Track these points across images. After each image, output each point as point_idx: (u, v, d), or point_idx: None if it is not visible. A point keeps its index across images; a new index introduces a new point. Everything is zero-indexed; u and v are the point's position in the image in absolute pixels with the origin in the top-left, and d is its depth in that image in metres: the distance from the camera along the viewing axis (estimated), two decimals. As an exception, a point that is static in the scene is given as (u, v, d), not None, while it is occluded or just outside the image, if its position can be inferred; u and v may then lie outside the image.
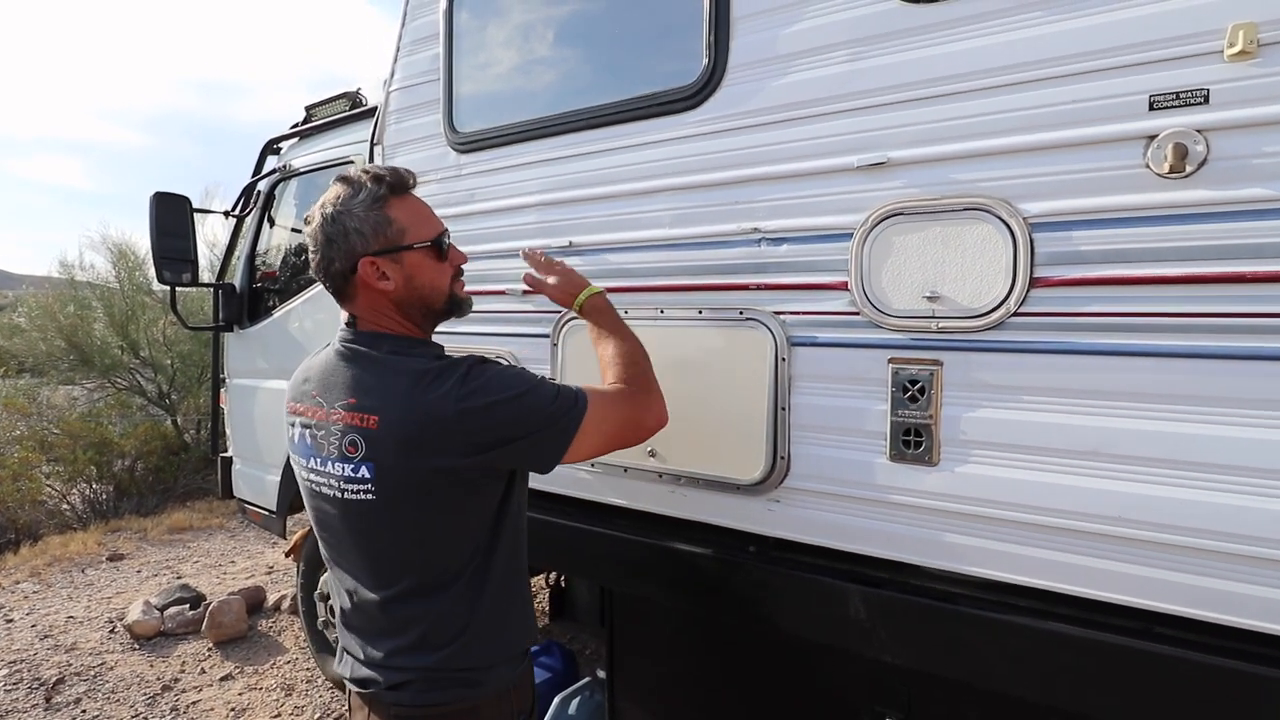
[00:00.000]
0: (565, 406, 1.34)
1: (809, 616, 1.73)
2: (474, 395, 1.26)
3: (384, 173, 1.33)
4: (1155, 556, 1.33)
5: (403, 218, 1.32)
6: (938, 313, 1.51)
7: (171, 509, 7.33)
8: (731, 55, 1.76)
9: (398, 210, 1.32)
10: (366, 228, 1.29)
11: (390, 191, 1.32)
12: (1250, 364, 1.23)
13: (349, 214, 1.29)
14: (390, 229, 1.31)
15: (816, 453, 1.70)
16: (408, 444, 1.25)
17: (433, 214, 1.40)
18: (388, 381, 1.29)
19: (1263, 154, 1.20)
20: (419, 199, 1.39)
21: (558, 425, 1.33)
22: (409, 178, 1.36)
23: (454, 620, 1.32)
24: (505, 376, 1.32)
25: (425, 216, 1.38)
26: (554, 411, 1.32)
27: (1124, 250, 1.32)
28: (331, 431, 1.30)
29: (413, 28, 2.46)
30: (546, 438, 1.33)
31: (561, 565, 2.53)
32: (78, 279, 9.36)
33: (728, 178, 1.78)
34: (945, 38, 1.48)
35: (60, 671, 3.94)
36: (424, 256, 1.35)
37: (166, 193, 3.48)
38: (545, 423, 1.32)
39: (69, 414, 8.41)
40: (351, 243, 1.29)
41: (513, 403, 1.28)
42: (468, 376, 1.28)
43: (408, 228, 1.32)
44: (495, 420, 1.27)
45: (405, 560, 1.33)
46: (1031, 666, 1.45)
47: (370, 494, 1.28)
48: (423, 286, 1.35)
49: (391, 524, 1.31)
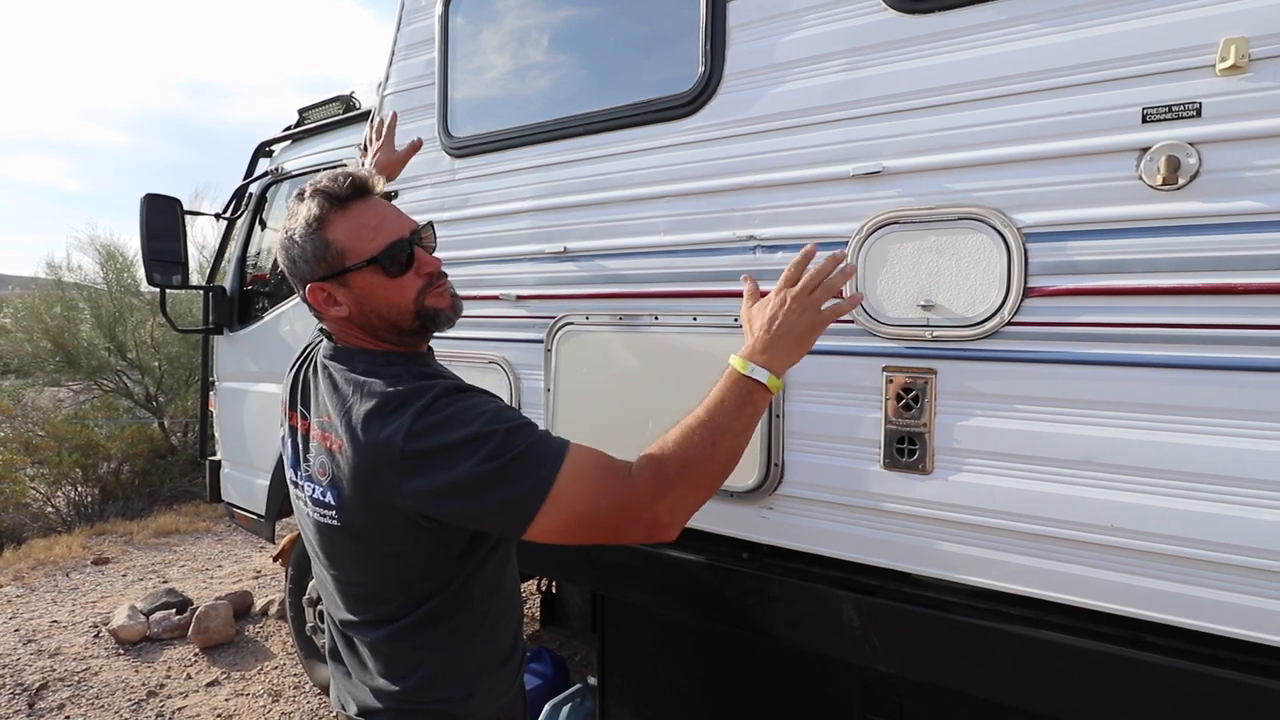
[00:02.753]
0: (529, 470, 1.09)
1: (801, 624, 1.73)
2: (424, 435, 1.09)
3: (326, 185, 1.18)
4: (1147, 566, 1.34)
5: (341, 237, 1.17)
6: (932, 321, 1.52)
7: (158, 512, 7.26)
8: (728, 63, 1.77)
9: (337, 229, 1.17)
10: (307, 254, 1.18)
11: (331, 207, 1.17)
12: (1242, 375, 1.24)
13: (292, 241, 1.19)
14: (328, 252, 1.17)
15: (810, 460, 1.70)
16: (361, 477, 1.13)
17: (387, 221, 1.20)
18: (351, 405, 1.16)
19: (1254, 167, 1.21)
20: (371, 206, 1.20)
21: (512, 496, 1.09)
22: (354, 184, 1.19)
23: (415, 654, 1.23)
24: (468, 416, 1.11)
25: (373, 227, 1.18)
26: (510, 474, 1.08)
27: (1117, 261, 1.34)
28: (309, 447, 1.25)
29: (408, 32, 2.45)
30: (495, 507, 1.10)
31: (552, 571, 2.52)
32: (65, 280, 9.29)
33: (723, 185, 1.78)
34: (939, 49, 1.49)
35: (44, 677, 3.89)
36: (372, 275, 1.18)
37: (157, 194, 3.46)
38: (496, 487, 1.09)
39: (54, 416, 8.33)
40: (299, 270, 1.20)
41: (460, 452, 1.08)
42: (428, 410, 1.11)
43: (348, 248, 1.17)
44: (437, 471, 1.09)
45: (369, 589, 1.25)
46: (1022, 675, 1.46)
47: (335, 520, 1.20)
48: (380, 307, 1.21)
49: (354, 553, 1.23)
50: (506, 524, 1.13)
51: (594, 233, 2.02)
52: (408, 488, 1.10)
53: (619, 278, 1.98)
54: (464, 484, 1.08)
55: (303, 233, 1.17)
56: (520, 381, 2.22)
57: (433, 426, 1.10)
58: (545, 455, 1.11)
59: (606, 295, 2.01)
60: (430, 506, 1.11)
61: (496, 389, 2.24)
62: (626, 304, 1.96)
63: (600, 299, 2.03)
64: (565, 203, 2.07)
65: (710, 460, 1.14)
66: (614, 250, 1.99)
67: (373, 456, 1.11)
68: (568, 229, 2.07)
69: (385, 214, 1.21)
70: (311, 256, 1.18)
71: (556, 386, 2.11)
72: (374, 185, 1.22)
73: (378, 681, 1.25)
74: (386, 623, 1.24)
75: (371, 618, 1.25)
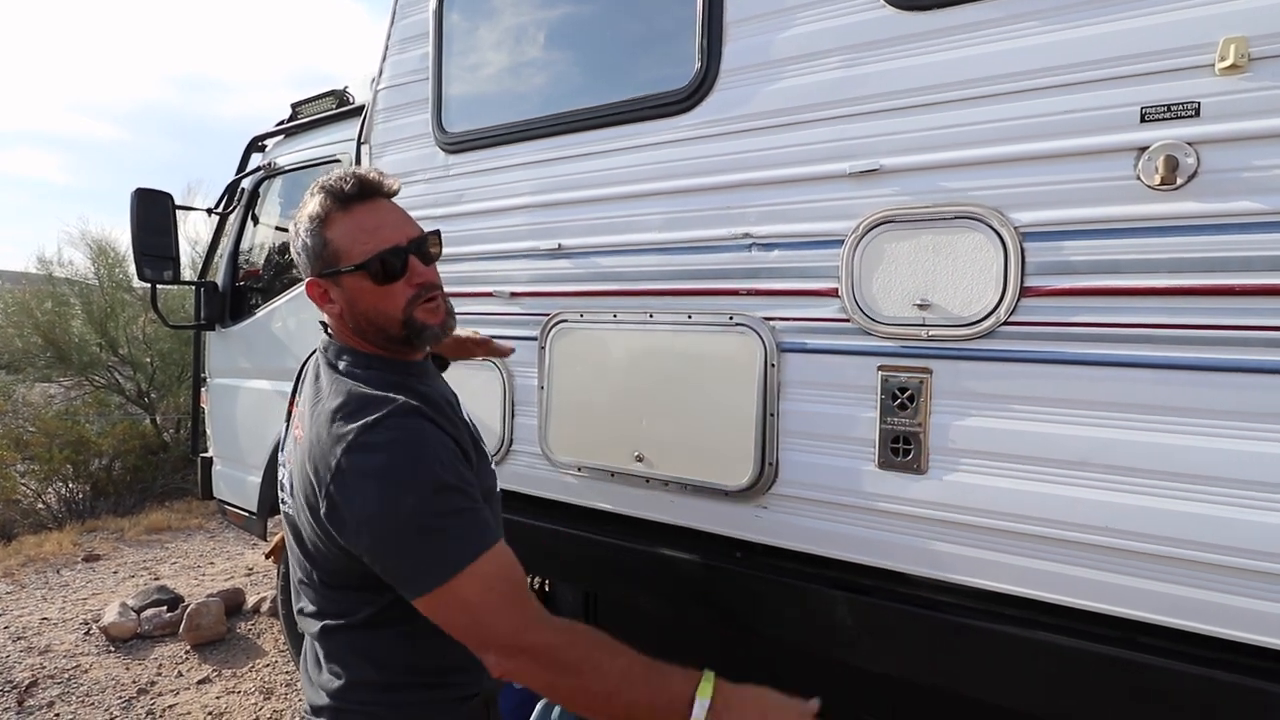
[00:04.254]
0: (429, 552, 1.05)
1: (794, 623, 1.72)
2: (357, 451, 1.07)
3: (333, 183, 1.19)
4: (1142, 567, 1.34)
5: (340, 238, 1.17)
6: (928, 320, 1.51)
7: (150, 509, 7.21)
8: (724, 59, 1.76)
9: (337, 228, 1.17)
10: (310, 249, 1.20)
11: (334, 205, 1.18)
12: (1239, 376, 1.24)
13: (298, 233, 1.21)
14: (325, 251, 1.18)
15: (805, 459, 1.69)
16: (304, 471, 1.14)
17: (384, 228, 1.19)
18: (322, 399, 1.18)
19: (1253, 167, 1.21)
20: (375, 209, 1.20)
21: (406, 568, 1.06)
22: (359, 185, 1.19)
23: (352, 657, 1.21)
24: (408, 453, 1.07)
25: (369, 232, 1.18)
26: (418, 541, 1.05)
27: (1114, 261, 1.33)
28: (289, 433, 1.29)
29: (402, 26, 2.43)
30: (393, 572, 1.08)
31: (545, 569, 2.51)
32: (56, 275, 9.22)
33: (719, 182, 1.77)
34: (938, 46, 1.48)
35: (33, 674, 3.86)
36: (361, 280, 1.18)
37: (148, 189, 3.43)
38: (395, 553, 1.06)
39: (45, 412, 8.26)
40: (302, 262, 1.23)
41: (382, 486, 1.05)
42: (373, 427, 1.08)
43: (343, 249, 1.17)
44: (354, 496, 1.06)
45: (312, 584, 1.24)
46: (1016, 675, 1.45)
47: (289, 509, 1.23)
48: (368, 311, 1.20)
49: (301, 544, 1.23)
50: (395, 584, 1.09)
51: (589, 230, 2.01)
52: (326, 499, 1.08)
53: (614, 275, 1.97)
54: (372, 524, 1.06)
55: (306, 228, 1.20)
56: (513, 379, 2.21)
57: (369, 447, 1.07)
58: (466, 538, 1.07)
59: (601, 293, 2.00)
60: (335, 524, 1.09)
61: (489, 387, 2.23)
62: (621, 301, 1.95)
63: (595, 296, 2.01)
64: (560, 199, 2.06)
65: (593, 694, 1.06)
66: (609, 247, 1.98)
67: (318, 453, 1.11)
68: (562, 226, 2.06)
69: (385, 219, 1.20)
70: (312, 252, 1.20)
71: (550, 384, 2.10)
72: (384, 187, 1.22)
73: (323, 677, 1.25)
74: (329, 619, 1.23)
75: (315, 611, 1.25)
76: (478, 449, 1.29)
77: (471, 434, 1.30)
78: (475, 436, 1.32)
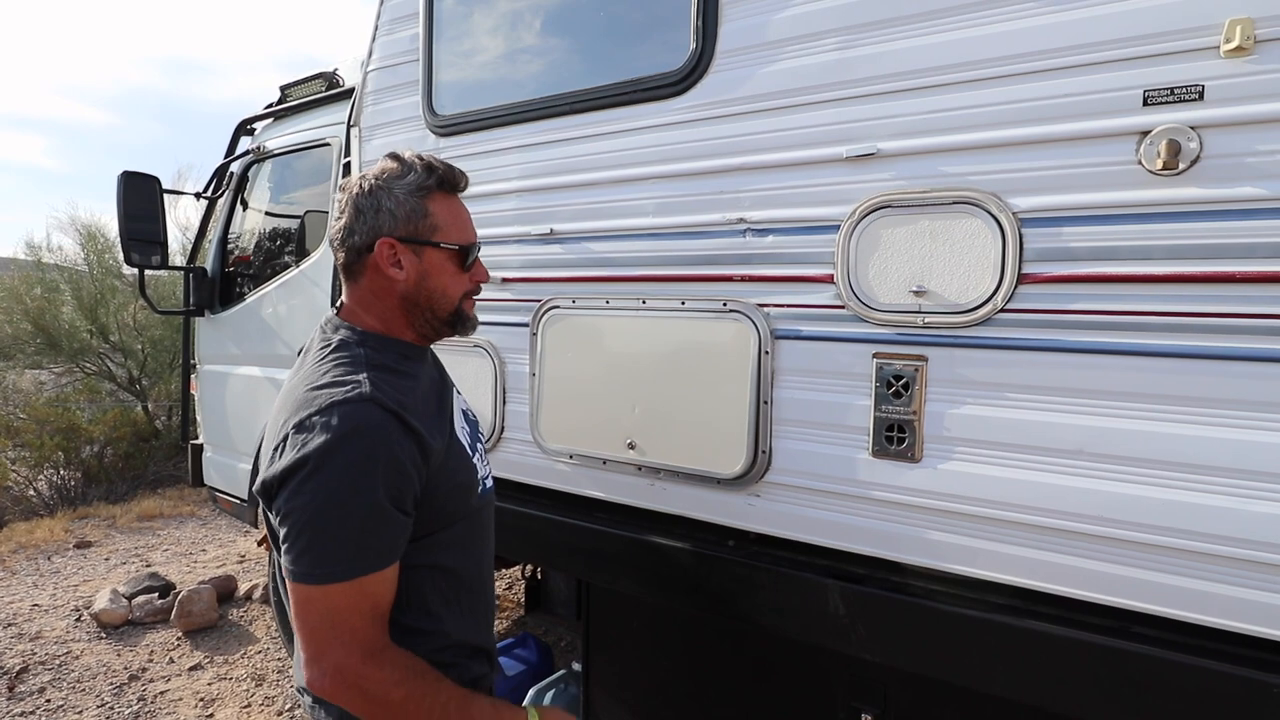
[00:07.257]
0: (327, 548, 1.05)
1: (787, 612, 1.71)
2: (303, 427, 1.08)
3: (438, 165, 1.26)
4: (1137, 556, 1.33)
5: (441, 214, 1.25)
6: (924, 308, 1.49)
7: (141, 496, 7.19)
8: (719, 40, 1.73)
9: (439, 205, 1.25)
10: (401, 210, 1.22)
11: (438, 185, 1.25)
12: (1239, 365, 1.23)
13: (388, 192, 1.22)
14: (423, 221, 1.24)
15: (798, 447, 1.67)
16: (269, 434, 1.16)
17: (471, 224, 1.32)
18: (299, 371, 1.21)
19: (1257, 152, 1.19)
20: (463, 205, 1.32)
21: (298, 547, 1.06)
22: (461, 179, 1.30)
23: None
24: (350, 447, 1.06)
25: (463, 222, 1.30)
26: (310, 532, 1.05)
27: (1114, 247, 1.31)
28: None
29: (391, 6, 2.39)
30: (286, 542, 1.07)
31: (538, 558, 2.50)
32: (45, 261, 9.14)
33: (713, 166, 1.75)
34: (937, 27, 1.45)
35: (24, 660, 3.85)
36: (447, 260, 1.26)
37: (135, 173, 3.38)
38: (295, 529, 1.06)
39: (36, 399, 8.22)
40: (380, 220, 1.22)
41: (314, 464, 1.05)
42: (326, 409, 1.08)
43: (441, 226, 1.25)
44: (277, 462, 1.08)
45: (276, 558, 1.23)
46: (1009, 665, 1.44)
47: None
48: (434, 289, 1.26)
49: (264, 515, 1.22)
50: (282, 554, 1.09)
51: (581, 214, 1.98)
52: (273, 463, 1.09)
53: (606, 261, 1.94)
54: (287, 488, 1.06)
55: (405, 191, 1.22)
56: (505, 366, 2.19)
57: (313, 425, 1.07)
58: (362, 552, 1.07)
59: (593, 278, 1.97)
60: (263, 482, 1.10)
61: (481, 374, 2.21)
62: (614, 287, 1.92)
63: (587, 282, 1.99)
64: (552, 184, 2.03)
65: None
66: (601, 232, 1.95)
67: (280, 419, 1.13)
68: (554, 210, 2.03)
69: (469, 217, 1.33)
70: (403, 215, 1.22)
71: (542, 371, 2.08)
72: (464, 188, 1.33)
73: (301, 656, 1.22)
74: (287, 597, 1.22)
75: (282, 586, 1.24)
76: (454, 443, 1.26)
77: (452, 427, 1.28)
78: (466, 427, 1.33)
